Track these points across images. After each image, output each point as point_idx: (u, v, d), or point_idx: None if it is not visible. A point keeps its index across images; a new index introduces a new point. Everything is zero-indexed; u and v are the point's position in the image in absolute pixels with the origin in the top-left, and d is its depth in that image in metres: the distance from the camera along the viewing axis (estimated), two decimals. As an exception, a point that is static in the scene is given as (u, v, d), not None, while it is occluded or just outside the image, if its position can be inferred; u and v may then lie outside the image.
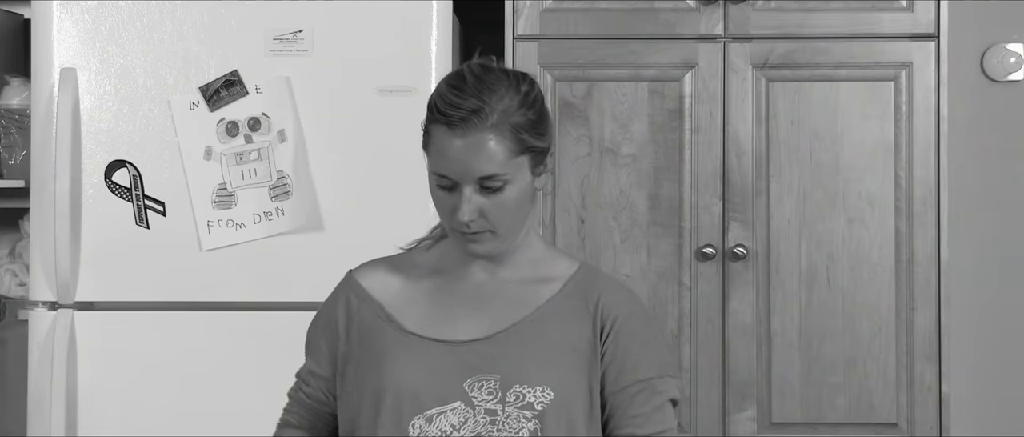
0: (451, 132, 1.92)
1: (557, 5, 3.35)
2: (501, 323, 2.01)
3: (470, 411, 1.96)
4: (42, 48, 3.13)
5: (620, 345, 2.01)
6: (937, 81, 3.33)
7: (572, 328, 2.01)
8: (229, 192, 3.10)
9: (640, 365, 2.01)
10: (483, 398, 1.96)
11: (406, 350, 1.99)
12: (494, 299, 2.04)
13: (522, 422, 1.95)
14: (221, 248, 3.11)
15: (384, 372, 1.98)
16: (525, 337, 2.00)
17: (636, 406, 2.00)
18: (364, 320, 2.04)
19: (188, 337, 3.11)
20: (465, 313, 2.03)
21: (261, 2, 3.10)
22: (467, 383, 1.96)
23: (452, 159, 1.93)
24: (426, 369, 1.97)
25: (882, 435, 3.33)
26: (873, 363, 3.33)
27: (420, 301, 2.05)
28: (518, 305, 2.03)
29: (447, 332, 2.01)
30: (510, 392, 1.96)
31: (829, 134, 3.34)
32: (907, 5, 3.33)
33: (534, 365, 1.97)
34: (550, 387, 1.96)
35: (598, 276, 2.08)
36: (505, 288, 2.04)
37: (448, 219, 1.98)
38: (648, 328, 2.06)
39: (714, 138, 3.34)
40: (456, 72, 2.00)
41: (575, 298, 2.04)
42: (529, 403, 1.96)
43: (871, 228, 3.32)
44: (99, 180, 3.12)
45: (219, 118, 3.10)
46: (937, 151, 3.32)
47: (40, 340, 3.11)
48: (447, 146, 1.93)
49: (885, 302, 3.33)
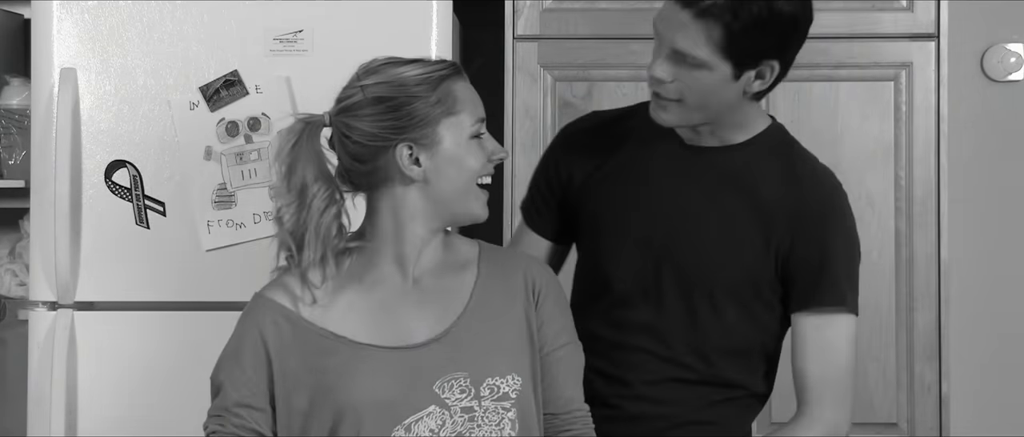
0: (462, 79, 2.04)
1: (557, 5, 3.35)
2: (446, 318, 2.00)
3: (446, 413, 1.94)
4: (42, 48, 3.12)
5: (550, 310, 2.05)
6: (937, 81, 3.33)
7: (510, 309, 2.03)
8: (229, 192, 3.10)
9: (564, 328, 2.07)
10: (456, 397, 1.94)
11: (366, 364, 1.95)
12: (424, 294, 2.02)
13: (502, 413, 1.96)
14: (221, 248, 3.10)
15: (351, 389, 1.94)
16: (475, 327, 1.99)
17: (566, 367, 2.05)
18: (304, 343, 1.98)
19: (188, 337, 3.10)
20: (409, 313, 2.00)
21: (261, 2, 3.10)
22: (437, 386, 1.95)
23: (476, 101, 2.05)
24: (393, 379, 1.94)
25: (882, 435, 3.33)
26: (873, 363, 3.33)
27: (355, 310, 2.00)
28: (450, 296, 2.02)
29: (399, 337, 1.98)
30: (483, 386, 1.95)
31: (829, 134, 3.34)
32: (907, 5, 3.33)
33: (496, 354, 1.98)
34: (518, 373, 1.98)
35: (499, 251, 2.13)
36: (426, 281, 2.03)
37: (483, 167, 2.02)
38: (563, 294, 2.12)
39: (714, 138, 3.34)
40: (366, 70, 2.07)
41: (496, 276, 2.05)
42: (505, 394, 1.96)
43: (871, 228, 3.32)
44: (99, 180, 3.12)
45: (219, 118, 3.11)
46: (937, 151, 3.33)
47: (40, 340, 3.11)
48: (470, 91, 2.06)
49: (885, 302, 3.33)
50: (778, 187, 2.17)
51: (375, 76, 2.01)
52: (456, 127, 1.98)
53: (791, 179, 2.18)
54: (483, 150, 2.01)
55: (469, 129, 1.99)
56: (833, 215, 2.19)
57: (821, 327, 2.17)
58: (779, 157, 2.21)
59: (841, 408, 2.19)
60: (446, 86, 1.99)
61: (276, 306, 2.00)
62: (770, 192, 2.17)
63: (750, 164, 2.19)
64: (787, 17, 2.05)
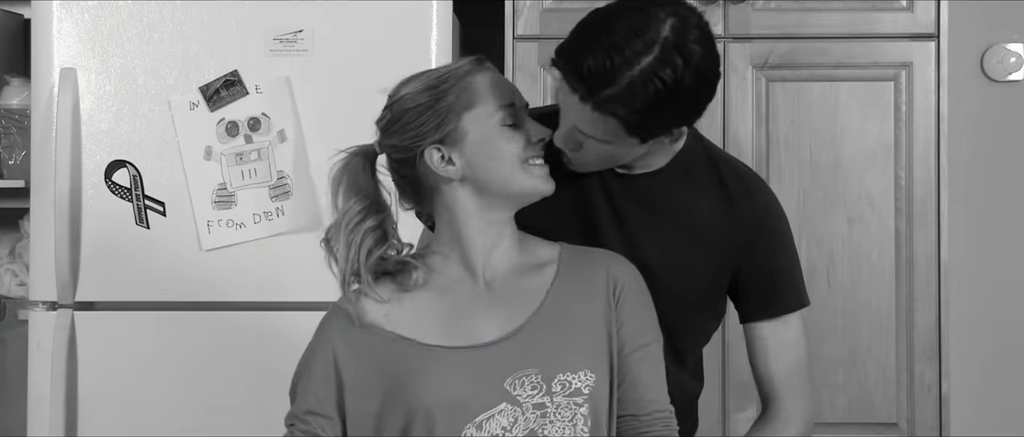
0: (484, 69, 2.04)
1: (557, 5, 3.35)
2: (518, 317, 2.00)
3: (518, 410, 1.94)
4: (42, 48, 3.12)
5: (631, 309, 2.03)
6: (937, 81, 3.33)
7: (586, 307, 2.02)
8: (229, 192, 3.10)
9: (645, 328, 2.04)
10: (528, 394, 1.94)
11: (436, 364, 1.97)
12: (500, 294, 2.02)
13: (574, 409, 1.95)
14: (221, 248, 3.10)
15: (420, 391, 1.95)
16: (549, 325, 1.99)
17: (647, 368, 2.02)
18: (374, 349, 2.00)
19: (188, 337, 3.10)
20: (480, 314, 2.01)
21: (261, 2, 3.10)
22: (508, 383, 1.95)
23: (505, 87, 2.03)
24: (463, 378, 1.95)
25: (882, 435, 3.33)
26: (873, 363, 3.33)
27: (426, 315, 2.02)
28: (525, 296, 2.02)
29: (469, 337, 1.99)
30: (555, 382, 1.95)
31: (829, 134, 3.34)
32: (907, 5, 3.33)
33: (569, 351, 1.97)
34: (590, 369, 1.97)
35: (585, 251, 2.09)
36: (500, 283, 2.03)
37: (522, 152, 1.99)
38: (646, 292, 2.08)
39: (714, 138, 3.33)
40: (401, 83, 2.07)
41: (575, 276, 2.04)
42: (577, 389, 1.95)
43: (871, 228, 3.33)
44: (99, 180, 3.12)
45: (219, 118, 3.10)
46: (937, 151, 3.33)
47: (40, 340, 3.11)
48: (495, 78, 2.04)
49: (885, 302, 3.33)
50: (713, 213, 2.14)
51: (399, 90, 2.04)
52: (479, 118, 1.99)
53: (725, 202, 2.15)
54: (519, 133, 2.00)
55: (495, 116, 1.99)
56: (775, 225, 2.18)
57: (778, 330, 2.18)
58: (705, 178, 2.16)
59: (808, 395, 2.22)
60: (464, 83, 2.00)
61: (346, 314, 2.02)
62: (706, 218, 2.14)
63: (679, 190, 2.15)
64: (688, 91, 1.91)
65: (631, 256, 2.11)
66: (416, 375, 1.96)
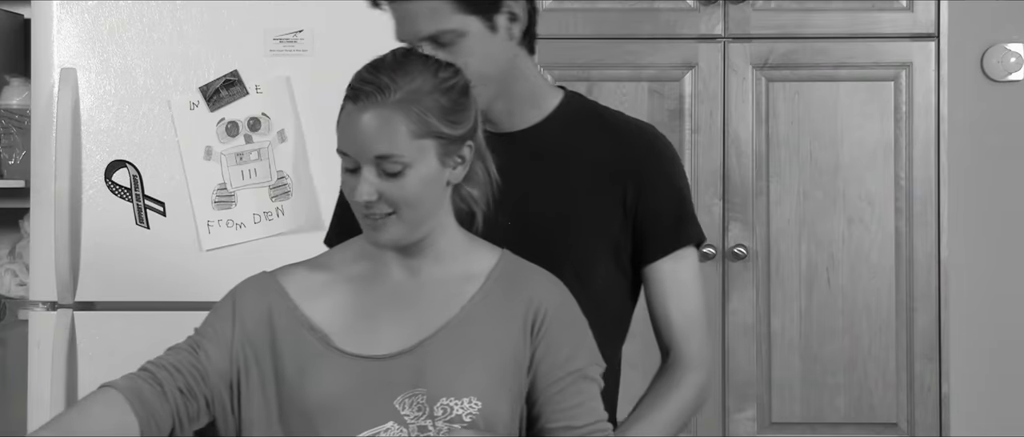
0: (355, 106, 1.87)
1: (557, 5, 3.35)
2: (425, 329, 1.93)
3: (403, 430, 1.88)
4: (42, 48, 3.12)
5: (553, 338, 1.95)
6: (937, 81, 3.33)
7: (497, 329, 1.94)
8: (229, 192, 3.10)
9: (574, 356, 1.95)
10: (414, 415, 1.88)
11: (332, 369, 1.91)
12: (417, 301, 1.95)
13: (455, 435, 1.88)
14: (221, 248, 3.10)
15: (309, 392, 1.90)
16: (450, 344, 1.92)
17: (569, 397, 1.94)
18: (283, 328, 1.94)
19: (188, 337, 3.11)
20: (389, 319, 1.94)
21: (261, 2, 3.10)
22: (397, 401, 1.89)
23: (350, 136, 1.87)
24: (353, 389, 1.89)
25: (882, 435, 3.33)
26: (873, 363, 3.33)
27: (342, 308, 1.95)
28: (441, 307, 1.95)
29: (372, 345, 1.92)
30: (437, 406, 1.88)
31: (829, 134, 3.34)
32: (907, 5, 3.33)
33: (460, 376, 1.90)
34: (477, 397, 1.89)
35: (520, 268, 2.01)
36: (427, 288, 1.96)
37: (352, 203, 1.91)
38: (578, 318, 1.99)
39: (714, 138, 3.34)
40: (380, 55, 1.96)
41: (499, 295, 1.96)
42: (457, 416, 1.88)
43: (871, 228, 3.33)
44: (99, 180, 3.12)
45: (219, 118, 3.10)
46: (937, 151, 3.33)
47: (40, 340, 3.11)
48: (348, 121, 1.87)
49: (885, 302, 3.33)
50: (602, 149, 2.16)
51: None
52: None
53: (613, 137, 2.18)
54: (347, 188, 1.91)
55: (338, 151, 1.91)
56: (665, 159, 2.20)
57: (676, 270, 2.18)
58: (590, 121, 2.20)
59: (707, 342, 2.20)
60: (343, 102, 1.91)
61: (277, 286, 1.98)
62: (597, 155, 2.16)
63: (565, 136, 2.17)
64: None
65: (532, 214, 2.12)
66: (309, 372, 1.91)
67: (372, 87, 1.87)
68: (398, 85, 1.87)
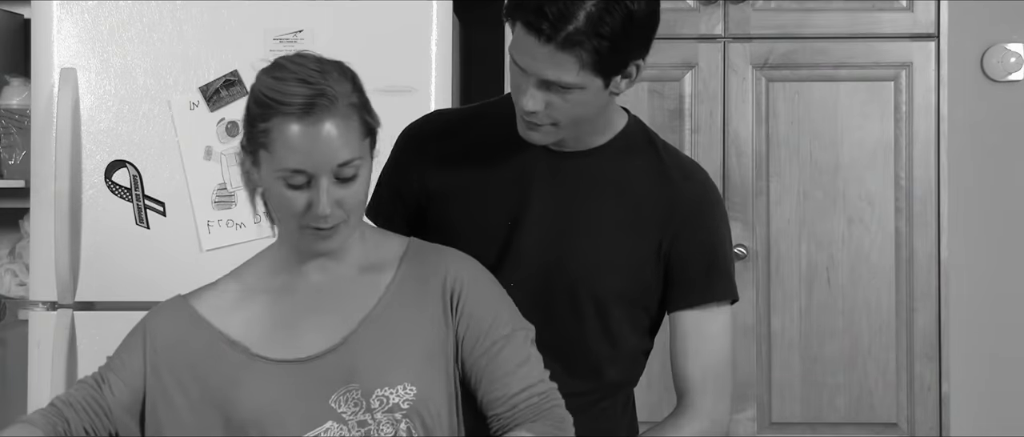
0: (301, 122, 1.83)
1: (557, 5, 3.35)
2: (348, 324, 1.92)
3: (344, 428, 1.88)
4: (42, 48, 3.13)
5: (473, 309, 1.95)
6: (937, 81, 3.33)
7: (418, 312, 1.94)
8: (229, 192, 3.10)
9: (496, 324, 1.95)
10: (351, 411, 1.88)
11: (259, 378, 1.90)
12: (335, 299, 1.95)
13: (395, 425, 1.88)
14: (221, 248, 3.10)
15: (239, 403, 1.89)
16: (375, 336, 1.92)
17: (500, 365, 1.93)
18: (201, 348, 1.92)
19: (188, 337, 3.11)
20: (310, 322, 1.94)
21: (261, 2, 3.10)
22: (333, 400, 1.89)
23: (308, 150, 1.82)
24: (286, 394, 1.88)
25: (882, 435, 3.33)
26: (873, 363, 3.33)
27: (260, 319, 1.94)
28: (359, 301, 1.94)
29: (296, 349, 1.91)
30: (373, 398, 1.88)
31: (829, 134, 3.34)
32: (907, 5, 3.33)
33: (390, 365, 1.90)
34: (410, 382, 1.89)
35: (429, 250, 2.00)
36: (342, 285, 1.95)
37: (300, 218, 1.87)
38: (493, 285, 2.00)
39: (714, 138, 3.34)
40: (272, 65, 1.93)
41: (413, 280, 1.96)
42: (395, 404, 1.88)
43: (871, 228, 3.33)
44: (99, 180, 3.12)
45: (219, 118, 3.11)
46: (937, 151, 3.33)
47: (40, 340, 3.11)
48: (304, 137, 1.82)
49: (885, 302, 3.33)
50: (651, 188, 2.14)
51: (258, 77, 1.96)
52: (269, 162, 1.88)
53: (662, 177, 2.15)
54: (294, 205, 1.88)
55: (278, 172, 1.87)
56: (711, 208, 2.17)
57: (702, 321, 2.14)
58: (645, 155, 2.17)
59: (723, 398, 2.16)
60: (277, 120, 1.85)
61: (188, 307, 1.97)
62: (644, 193, 2.13)
63: (618, 166, 2.15)
64: (644, 16, 1.98)
65: (565, 238, 2.10)
66: (237, 385, 1.89)
67: (323, 98, 1.84)
68: (336, 91, 1.86)
